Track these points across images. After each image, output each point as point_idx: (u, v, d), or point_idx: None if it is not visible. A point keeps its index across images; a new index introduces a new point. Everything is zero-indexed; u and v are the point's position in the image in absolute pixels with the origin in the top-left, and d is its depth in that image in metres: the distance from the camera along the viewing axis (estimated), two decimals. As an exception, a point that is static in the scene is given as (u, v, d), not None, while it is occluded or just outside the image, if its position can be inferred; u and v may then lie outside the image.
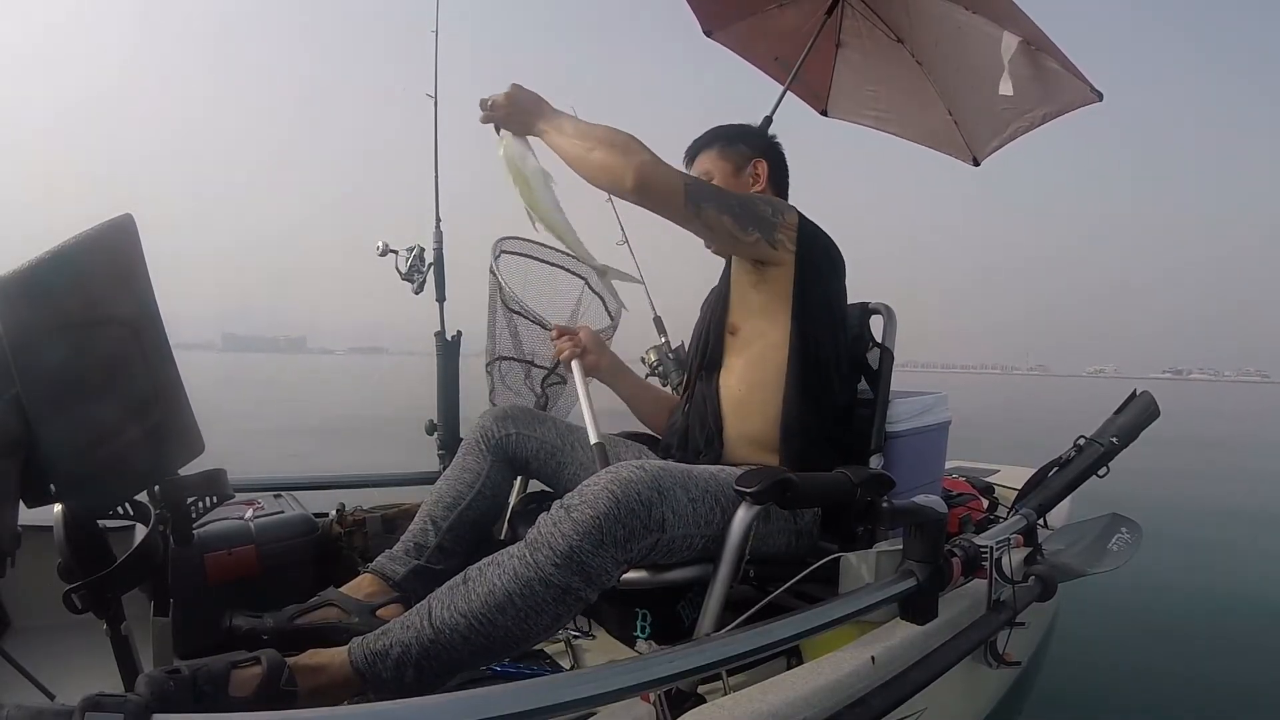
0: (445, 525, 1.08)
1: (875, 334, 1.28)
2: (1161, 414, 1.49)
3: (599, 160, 1.03)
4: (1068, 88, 1.64)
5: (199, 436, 0.74)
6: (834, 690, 0.73)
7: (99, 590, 0.60)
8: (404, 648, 0.71)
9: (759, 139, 1.33)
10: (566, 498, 0.77)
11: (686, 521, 0.81)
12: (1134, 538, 1.42)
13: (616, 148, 1.03)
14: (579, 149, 1.05)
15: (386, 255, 1.53)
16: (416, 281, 1.55)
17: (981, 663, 1.07)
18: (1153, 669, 1.80)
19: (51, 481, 0.55)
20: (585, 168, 1.06)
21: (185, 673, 0.63)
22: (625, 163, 1.02)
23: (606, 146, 1.04)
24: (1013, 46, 1.56)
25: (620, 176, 1.02)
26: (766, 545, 0.97)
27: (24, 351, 0.52)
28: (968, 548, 1.00)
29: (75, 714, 0.41)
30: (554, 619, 0.74)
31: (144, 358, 0.65)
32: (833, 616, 0.80)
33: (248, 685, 0.66)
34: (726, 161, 1.28)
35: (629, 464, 0.79)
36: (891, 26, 1.92)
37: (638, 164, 1.02)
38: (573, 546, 0.72)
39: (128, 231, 0.63)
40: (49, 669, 0.72)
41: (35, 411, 0.52)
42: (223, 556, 1.05)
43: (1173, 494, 4.78)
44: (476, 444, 1.16)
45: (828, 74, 2.19)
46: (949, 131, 2.01)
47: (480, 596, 0.73)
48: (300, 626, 0.91)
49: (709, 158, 1.29)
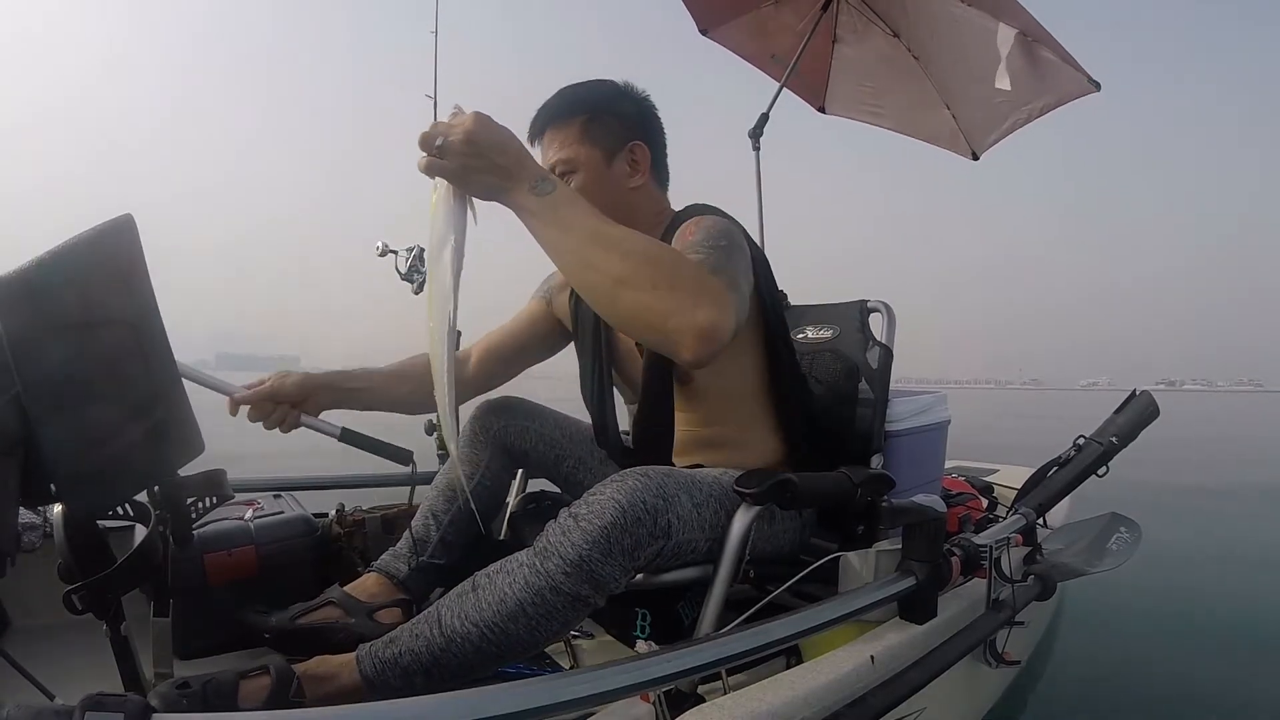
0: (446, 519, 1.08)
1: (875, 332, 1.28)
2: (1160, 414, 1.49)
3: (633, 301, 0.67)
4: (1065, 78, 1.64)
5: (199, 436, 0.74)
6: (833, 690, 0.73)
7: (99, 591, 0.60)
8: (414, 656, 0.72)
9: (634, 106, 1.00)
10: (574, 505, 0.77)
11: (691, 526, 0.81)
12: (1133, 537, 1.42)
13: (674, 286, 0.67)
14: (594, 264, 0.68)
15: (386, 255, 1.53)
16: (416, 282, 1.55)
17: (981, 662, 1.07)
18: (1153, 668, 1.80)
19: (52, 481, 0.56)
20: (599, 295, 0.70)
21: (195, 686, 0.64)
22: (687, 318, 0.65)
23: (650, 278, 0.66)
24: (1009, 39, 1.56)
25: (672, 334, 0.67)
26: (771, 544, 0.97)
27: (24, 351, 0.52)
28: (967, 547, 1.00)
29: (75, 714, 0.41)
30: (563, 625, 0.74)
31: (144, 358, 0.65)
32: (832, 616, 0.80)
33: (256, 696, 0.67)
34: (592, 148, 0.96)
35: (634, 471, 0.79)
36: (888, 22, 1.93)
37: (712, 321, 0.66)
38: (582, 555, 0.72)
39: (128, 231, 0.63)
40: (49, 669, 0.72)
41: (35, 411, 0.52)
42: (223, 557, 1.05)
43: (1174, 494, 4.78)
44: (474, 435, 1.15)
45: (824, 70, 2.19)
46: (947, 126, 2.02)
47: (491, 605, 0.73)
48: (300, 627, 0.91)
49: (568, 141, 0.96)
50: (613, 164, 0.98)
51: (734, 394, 1.01)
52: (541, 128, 0.98)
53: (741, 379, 1.01)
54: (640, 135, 1.00)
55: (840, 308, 1.34)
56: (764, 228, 2.17)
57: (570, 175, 0.97)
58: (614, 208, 0.93)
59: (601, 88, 1.00)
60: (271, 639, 0.90)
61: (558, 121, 0.97)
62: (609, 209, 0.92)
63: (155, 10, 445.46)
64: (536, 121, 0.99)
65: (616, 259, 0.68)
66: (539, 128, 0.99)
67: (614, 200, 0.97)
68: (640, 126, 1.00)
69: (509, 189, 0.71)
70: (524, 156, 0.72)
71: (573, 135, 0.96)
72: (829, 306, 1.37)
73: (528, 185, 0.71)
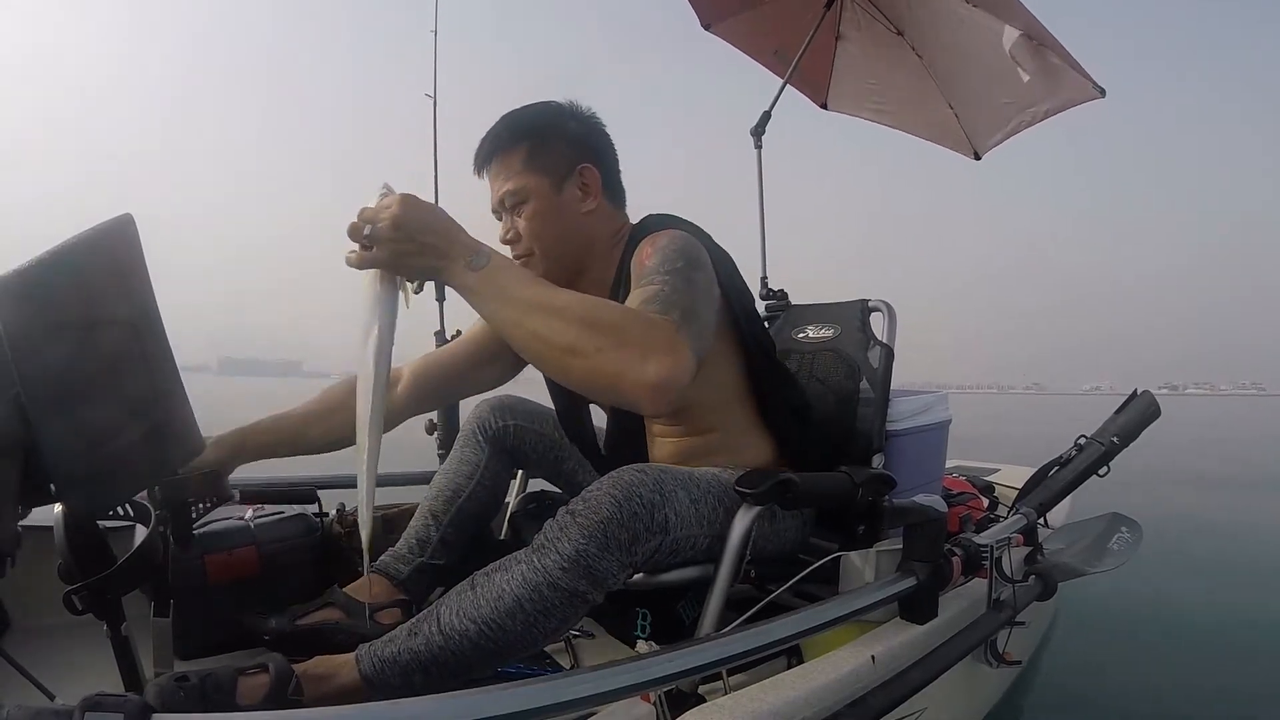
0: (446, 519, 1.08)
1: (876, 331, 1.28)
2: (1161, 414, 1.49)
3: (584, 368, 0.66)
4: (1070, 83, 1.64)
5: (199, 437, 0.74)
6: (834, 690, 0.73)
7: (99, 591, 0.60)
8: (413, 654, 0.72)
9: (579, 127, 0.97)
10: (571, 503, 0.77)
11: (689, 523, 0.81)
12: (1134, 537, 1.42)
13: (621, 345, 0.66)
14: (540, 334, 0.67)
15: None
16: (416, 281, 1.55)
17: (982, 662, 1.07)
18: (1154, 668, 1.80)
19: (51, 481, 0.56)
20: (549, 365, 0.71)
21: (194, 681, 0.63)
22: (637, 375, 0.65)
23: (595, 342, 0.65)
24: (1014, 41, 1.56)
25: (626, 393, 0.66)
26: (772, 544, 0.96)
27: (24, 351, 0.52)
28: (968, 547, 1.00)
29: (75, 714, 0.41)
30: (561, 622, 0.74)
31: (144, 358, 0.65)
32: (833, 616, 0.80)
33: (255, 693, 0.67)
34: (540, 176, 0.93)
35: (630, 468, 0.79)
36: (891, 19, 1.92)
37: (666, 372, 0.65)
38: (579, 550, 0.72)
39: (128, 231, 0.63)
40: (49, 669, 0.72)
41: (35, 411, 0.52)
42: (223, 557, 1.05)
43: (1174, 493, 4.78)
44: (474, 435, 1.15)
45: (827, 67, 2.19)
46: (949, 125, 2.01)
47: (489, 602, 0.73)
48: (300, 627, 0.91)
49: (513, 171, 0.93)
50: (563, 190, 0.95)
51: (713, 403, 0.98)
52: (486, 158, 0.95)
53: (720, 385, 0.98)
54: (589, 157, 0.96)
55: (841, 307, 1.34)
56: (765, 227, 2.16)
57: (521, 206, 0.94)
58: (569, 234, 0.96)
59: (544, 110, 0.96)
60: (271, 640, 0.90)
61: (501, 151, 0.94)
62: (564, 236, 0.96)
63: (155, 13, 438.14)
64: (481, 152, 0.95)
65: (560, 327, 0.67)
66: (484, 158, 0.95)
67: (568, 227, 0.95)
68: (587, 147, 0.97)
69: (444, 268, 0.70)
70: (454, 233, 0.71)
71: (517, 164, 0.93)
72: (830, 306, 1.37)
73: (463, 262, 0.69)
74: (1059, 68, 1.60)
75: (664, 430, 1.02)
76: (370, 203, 0.71)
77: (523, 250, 0.96)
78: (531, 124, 0.95)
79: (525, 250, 0.96)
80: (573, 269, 0.98)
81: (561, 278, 0.92)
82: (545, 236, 0.95)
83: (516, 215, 0.95)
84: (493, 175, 0.96)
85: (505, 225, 0.98)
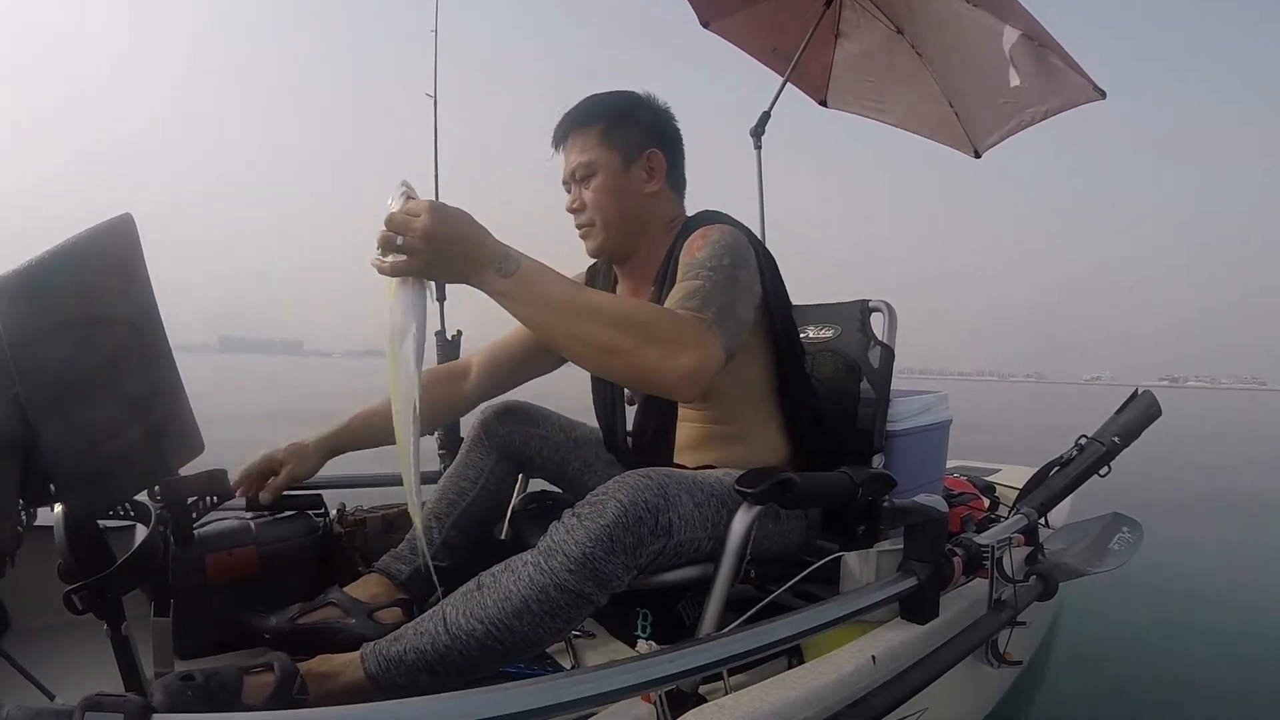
0: (449, 522, 1.08)
1: (876, 331, 1.28)
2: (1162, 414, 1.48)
3: (620, 364, 0.73)
4: (1070, 84, 1.64)
5: (199, 436, 0.74)
6: (835, 690, 0.73)
7: (99, 591, 0.60)
8: (419, 654, 0.72)
9: (653, 116, 1.04)
10: (577, 505, 0.77)
11: (693, 525, 0.81)
12: (1135, 537, 1.42)
13: (654, 341, 0.72)
14: (576, 335, 0.73)
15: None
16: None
17: (983, 662, 1.07)
18: (1154, 668, 1.80)
19: (52, 481, 0.55)
20: (586, 363, 0.78)
21: (199, 680, 0.64)
22: (671, 368, 0.72)
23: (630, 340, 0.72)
24: (1014, 41, 1.56)
25: (660, 385, 0.74)
26: (775, 545, 0.97)
27: (24, 351, 0.52)
28: (969, 547, 1.00)
29: (75, 714, 0.41)
30: (566, 623, 0.75)
31: (144, 358, 0.65)
32: (833, 616, 0.80)
33: (260, 693, 0.67)
34: (612, 151, 1.01)
35: (636, 472, 0.80)
36: (891, 17, 1.92)
37: (695, 365, 0.73)
38: (586, 553, 0.73)
39: (128, 231, 0.63)
40: (49, 669, 0.72)
41: (35, 411, 0.52)
42: (223, 556, 1.05)
43: (1174, 493, 4.78)
44: (479, 440, 1.16)
45: (827, 65, 2.19)
46: (949, 123, 2.01)
47: (496, 603, 0.73)
48: (300, 627, 0.91)
49: (588, 145, 1.01)
50: (630, 169, 1.02)
51: (740, 395, 1.03)
52: (565, 132, 1.03)
53: (748, 380, 1.03)
54: (657, 144, 1.03)
55: (842, 307, 1.34)
56: (765, 226, 2.16)
57: (589, 178, 1.01)
58: (629, 211, 1.04)
59: (623, 97, 1.04)
60: (271, 639, 0.90)
61: (580, 127, 1.02)
62: (625, 212, 1.03)
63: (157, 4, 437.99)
64: (560, 128, 1.03)
65: (597, 329, 0.72)
66: (562, 133, 1.03)
67: (630, 204, 1.03)
68: (658, 135, 1.04)
69: (474, 274, 0.73)
70: (483, 239, 0.73)
71: (593, 139, 1.01)
72: (830, 306, 1.37)
73: (493, 268, 0.72)
74: (1059, 69, 1.60)
75: (690, 415, 1.05)
76: (390, 201, 0.72)
77: (585, 220, 1.04)
78: (610, 105, 1.02)
79: (587, 220, 1.03)
80: (627, 245, 1.05)
81: (615, 252, 1.05)
82: (607, 209, 1.02)
83: (584, 186, 1.03)
84: (568, 149, 1.03)
85: (573, 195, 1.05)
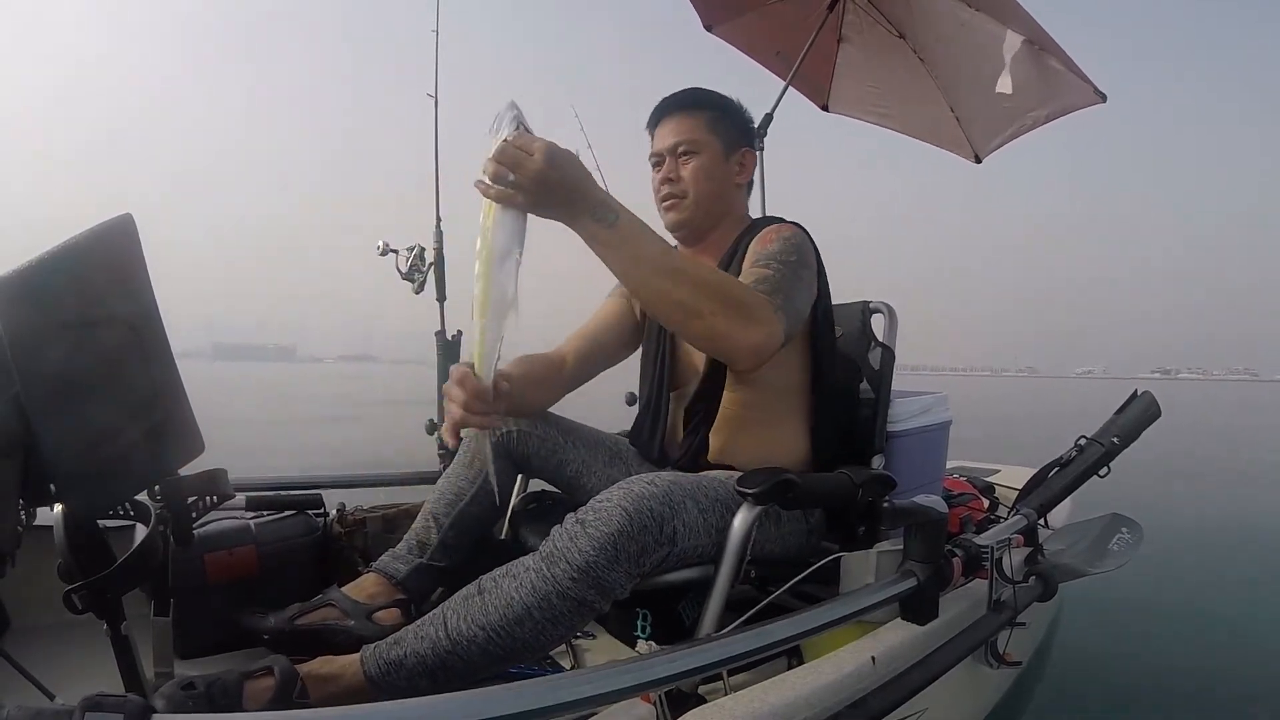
0: (447, 522, 1.08)
1: (876, 332, 1.28)
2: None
3: (699, 325, 0.82)
4: (1071, 88, 1.64)
5: (199, 436, 0.74)
6: (834, 690, 0.73)
7: (99, 590, 0.60)
8: (419, 658, 0.72)
9: (747, 123, 1.16)
10: (580, 511, 0.77)
11: (698, 533, 0.82)
12: (1135, 538, 1.42)
13: (730, 312, 0.82)
14: (663, 292, 0.80)
15: (387, 255, 1.54)
16: (417, 281, 1.55)
17: (982, 663, 1.07)
18: (1154, 668, 1.80)
19: (51, 481, 0.55)
20: (668, 319, 0.86)
21: (200, 686, 0.64)
22: (741, 338, 0.83)
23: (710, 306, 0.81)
24: (1016, 45, 1.55)
25: (728, 351, 0.87)
26: (778, 547, 0.97)
27: (24, 351, 0.52)
28: (968, 547, 1.00)
29: (75, 714, 0.41)
30: (568, 629, 0.75)
31: (144, 358, 0.65)
32: (833, 616, 0.80)
33: (261, 697, 0.67)
34: (717, 138, 1.10)
35: (640, 479, 0.80)
36: (893, 22, 1.92)
37: (763, 339, 0.84)
38: (589, 561, 0.73)
39: (128, 231, 0.63)
40: (49, 669, 0.72)
41: (35, 411, 0.52)
42: (223, 556, 1.05)
43: (1175, 493, 4.78)
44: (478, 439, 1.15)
45: (829, 69, 2.19)
46: (950, 127, 2.01)
47: (498, 609, 0.73)
48: (299, 627, 0.91)
49: (696, 127, 1.09)
50: (728, 159, 1.11)
51: (777, 385, 1.07)
52: (668, 112, 1.10)
53: (787, 372, 1.07)
54: (751, 145, 1.15)
55: (842, 308, 1.34)
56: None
57: (690, 155, 1.09)
58: (719, 194, 1.12)
59: (726, 98, 1.13)
60: (270, 639, 0.90)
61: (685, 110, 1.10)
62: (715, 194, 1.12)
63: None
64: (664, 107, 1.11)
65: (684, 289, 0.80)
66: (666, 111, 1.10)
67: (721, 189, 1.12)
68: (749, 140, 1.14)
69: (576, 218, 0.78)
70: (589, 186, 0.77)
71: (701, 123, 1.09)
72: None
73: (591, 215, 0.78)
74: (1060, 73, 1.59)
75: (733, 397, 1.07)
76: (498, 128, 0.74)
77: (677, 191, 1.10)
78: (716, 99, 1.12)
79: (680, 192, 1.10)
80: (706, 225, 1.13)
81: (696, 229, 1.13)
82: (702, 187, 1.10)
83: (683, 162, 1.09)
84: (668, 126, 1.10)
85: (668, 167, 1.11)
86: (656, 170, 1.13)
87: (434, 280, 1.57)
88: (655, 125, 1.13)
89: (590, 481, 1.15)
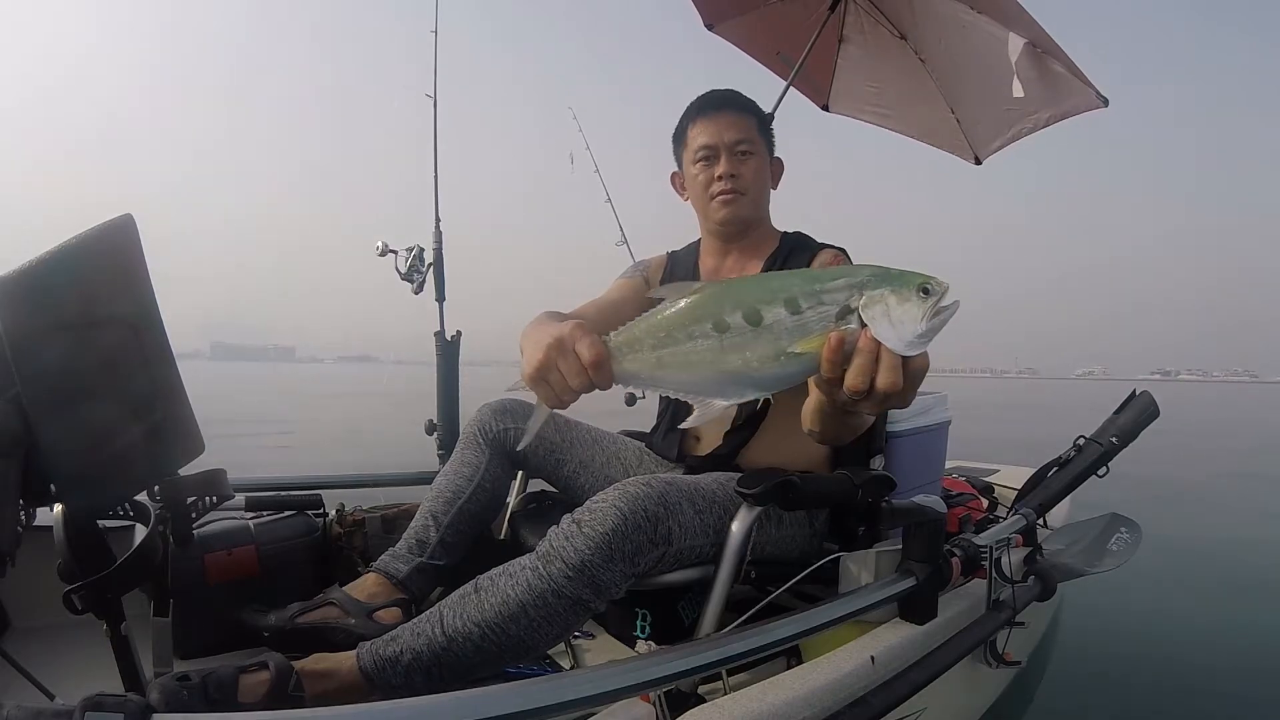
0: (446, 520, 1.08)
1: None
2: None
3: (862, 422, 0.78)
4: (1073, 92, 1.63)
5: (199, 437, 0.74)
6: (834, 690, 0.73)
7: (99, 590, 0.60)
8: (415, 654, 0.73)
9: (772, 136, 1.19)
10: (577, 511, 0.78)
11: (693, 533, 0.82)
12: (1133, 538, 1.42)
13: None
14: (855, 426, 0.79)
15: (386, 255, 1.53)
16: (416, 281, 1.55)
17: (981, 662, 1.07)
18: (1154, 668, 1.80)
19: (52, 481, 0.55)
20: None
21: (196, 680, 0.64)
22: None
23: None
24: (1018, 48, 1.55)
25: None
26: (779, 549, 0.97)
27: (24, 351, 0.52)
28: (967, 547, 1.00)
29: (75, 714, 0.41)
30: (564, 628, 0.76)
31: (144, 358, 0.65)
32: (832, 616, 0.80)
33: (256, 691, 0.67)
34: (764, 143, 1.13)
35: (636, 480, 0.80)
36: (894, 23, 1.92)
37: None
38: (584, 560, 0.73)
39: (128, 231, 0.63)
40: (49, 669, 0.72)
41: (35, 411, 0.52)
42: (222, 556, 1.05)
43: (1174, 492, 4.78)
44: (474, 438, 1.15)
45: (830, 69, 2.19)
46: (950, 129, 2.00)
47: (493, 606, 0.74)
48: (299, 626, 0.91)
49: (750, 128, 1.11)
50: (770, 165, 1.16)
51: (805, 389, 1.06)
52: (725, 105, 1.11)
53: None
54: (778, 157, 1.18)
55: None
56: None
57: (748, 156, 1.10)
58: (765, 197, 1.17)
59: (761, 110, 1.16)
60: (270, 638, 0.90)
61: (741, 110, 1.11)
62: (763, 197, 1.16)
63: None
64: (720, 99, 1.12)
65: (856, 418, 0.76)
66: (718, 106, 1.11)
67: (762, 193, 1.15)
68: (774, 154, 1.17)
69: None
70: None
71: (753, 126, 1.12)
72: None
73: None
74: (1062, 76, 1.59)
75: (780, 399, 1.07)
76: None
77: (740, 187, 1.11)
78: (758, 110, 1.15)
79: (743, 188, 1.11)
80: (751, 224, 1.15)
81: (748, 226, 1.14)
82: (757, 187, 1.13)
83: (742, 160, 1.10)
84: (726, 121, 1.10)
85: (730, 163, 1.10)
86: (705, 164, 1.11)
87: (433, 281, 1.57)
88: (704, 117, 1.11)
89: (586, 481, 1.15)
